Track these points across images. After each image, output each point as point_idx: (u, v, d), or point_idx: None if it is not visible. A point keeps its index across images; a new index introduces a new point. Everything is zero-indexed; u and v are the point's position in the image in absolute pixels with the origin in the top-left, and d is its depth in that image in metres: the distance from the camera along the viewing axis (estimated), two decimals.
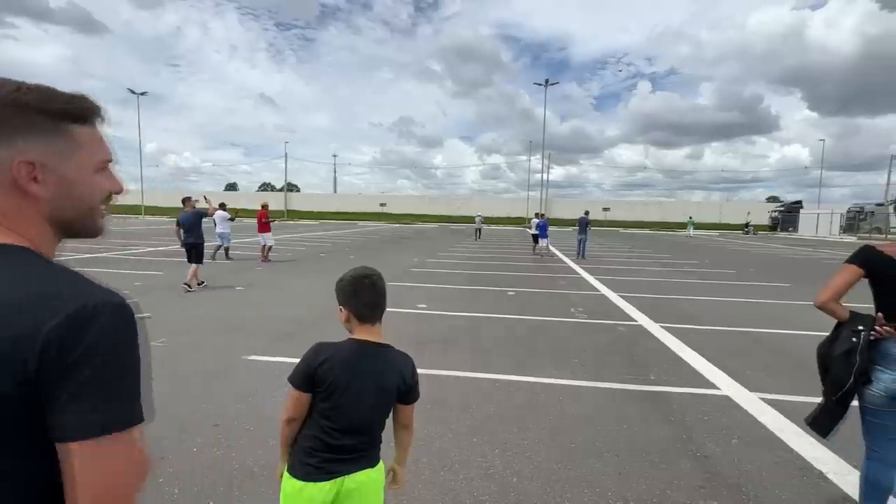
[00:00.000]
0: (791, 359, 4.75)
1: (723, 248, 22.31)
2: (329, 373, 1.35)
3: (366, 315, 1.42)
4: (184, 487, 2.37)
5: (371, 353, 1.42)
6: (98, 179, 0.71)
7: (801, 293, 8.90)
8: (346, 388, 1.36)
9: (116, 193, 0.76)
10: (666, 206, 62.55)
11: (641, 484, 2.47)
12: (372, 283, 1.43)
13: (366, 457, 1.40)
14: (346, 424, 1.35)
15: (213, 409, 3.25)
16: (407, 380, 1.43)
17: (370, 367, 1.39)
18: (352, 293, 1.42)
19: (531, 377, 4.02)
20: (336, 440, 1.35)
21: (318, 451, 1.34)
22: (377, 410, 1.41)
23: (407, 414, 1.48)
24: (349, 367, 1.37)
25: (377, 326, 1.45)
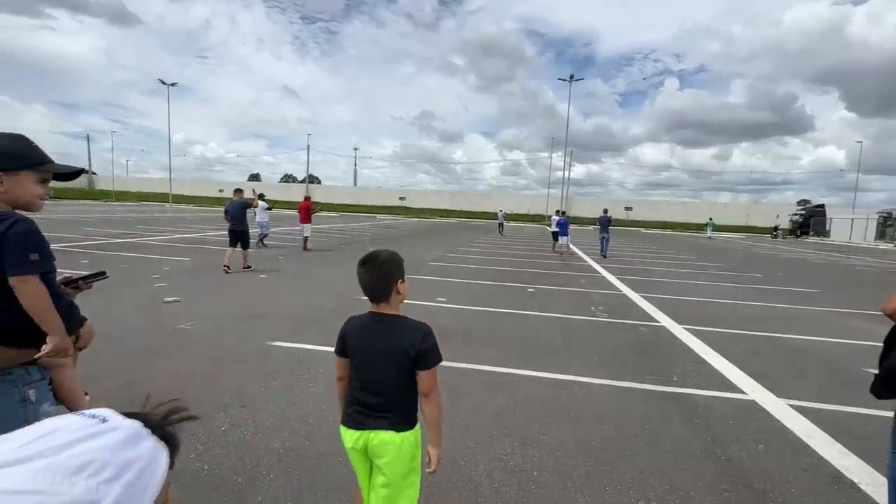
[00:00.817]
0: (820, 365, 4.60)
1: (749, 252, 21.68)
2: (349, 339, 1.62)
3: (370, 297, 1.62)
4: (213, 465, 2.45)
5: (383, 321, 1.61)
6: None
7: (831, 299, 8.59)
8: (359, 351, 1.59)
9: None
10: (690, 207, 60.95)
11: (664, 484, 2.44)
12: (365, 271, 1.59)
13: (388, 419, 1.55)
14: (363, 383, 1.58)
15: (240, 392, 3.35)
16: (416, 345, 1.54)
17: (380, 334, 1.59)
18: (358, 278, 1.62)
19: (551, 373, 4.00)
20: (360, 396, 1.57)
21: (351, 403, 1.60)
22: (387, 372, 1.56)
23: (424, 381, 1.57)
24: (362, 333, 1.61)
25: (391, 303, 1.60)
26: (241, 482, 2.31)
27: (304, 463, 2.50)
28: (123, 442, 0.44)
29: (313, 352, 4.30)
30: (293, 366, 3.91)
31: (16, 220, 1.24)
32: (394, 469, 1.53)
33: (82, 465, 0.40)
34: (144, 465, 0.45)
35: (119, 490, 0.41)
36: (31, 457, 0.39)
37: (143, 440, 0.47)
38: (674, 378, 4.03)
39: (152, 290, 6.69)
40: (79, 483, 0.39)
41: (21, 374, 1.30)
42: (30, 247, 1.25)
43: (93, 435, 0.43)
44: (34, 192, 1.31)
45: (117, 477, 0.41)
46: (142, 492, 0.43)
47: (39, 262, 1.27)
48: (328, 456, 2.57)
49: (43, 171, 1.31)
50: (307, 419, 3.00)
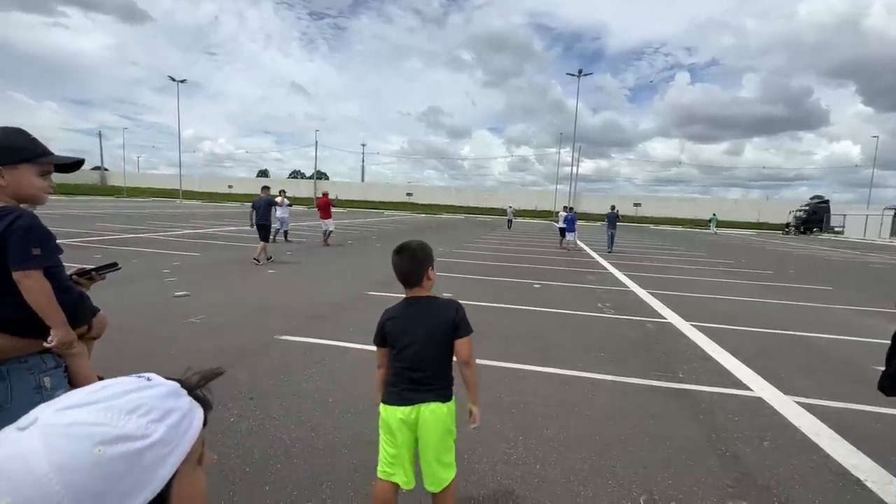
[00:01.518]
0: (829, 363, 4.56)
1: (761, 249, 21.40)
2: (391, 328, 1.78)
3: (403, 282, 1.82)
4: (222, 454, 2.50)
5: (417, 304, 1.80)
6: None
7: (844, 297, 8.47)
8: (402, 335, 1.75)
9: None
10: (700, 204, 60.25)
11: (667, 479, 2.45)
12: (399, 259, 1.79)
13: (435, 391, 1.74)
14: (410, 363, 1.73)
15: (248, 385, 3.41)
16: (452, 316, 1.76)
17: (420, 314, 1.78)
18: (392, 265, 1.81)
19: (556, 369, 4.01)
20: (408, 374, 1.73)
21: (398, 382, 1.75)
22: (431, 347, 1.74)
23: (461, 349, 1.78)
24: (400, 319, 1.78)
25: (423, 286, 1.80)
26: (249, 471, 2.36)
27: (311, 454, 2.54)
28: (166, 394, 0.53)
29: (319, 346, 4.35)
30: (300, 359, 3.96)
31: (18, 216, 1.25)
32: (439, 434, 1.73)
33: (134, 408, 0.49)
34: (184, 413, 0.53)
35: (164, 429, 0.50)
36: (95, 400, 0.49)
37: (182, 396, 0.55)
38: (679, 374, 4.02)
39: (163, 284, 6.79)
40: (132, 420, 0.48)
41: (37, 361, 1.34)
42: (32, 241, 1.26)
43: (142, 387, 0.52)
44: (36, 184, 1.31)
45: (162, 419, 0.50)
46: (182, 434, 0.52)
47: (42, 257, 1.28)
48: (334, 447, 2.61)
49: (41, 163, 1.30)
50: (313, 411, 3.05)
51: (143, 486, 0.46)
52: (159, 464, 0.48)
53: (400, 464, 1.75)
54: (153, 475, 0.47)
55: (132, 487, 0.45)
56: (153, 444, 0.48)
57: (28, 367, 1.32)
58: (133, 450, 0.46)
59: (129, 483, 0.45)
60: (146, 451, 0.47)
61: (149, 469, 0.47)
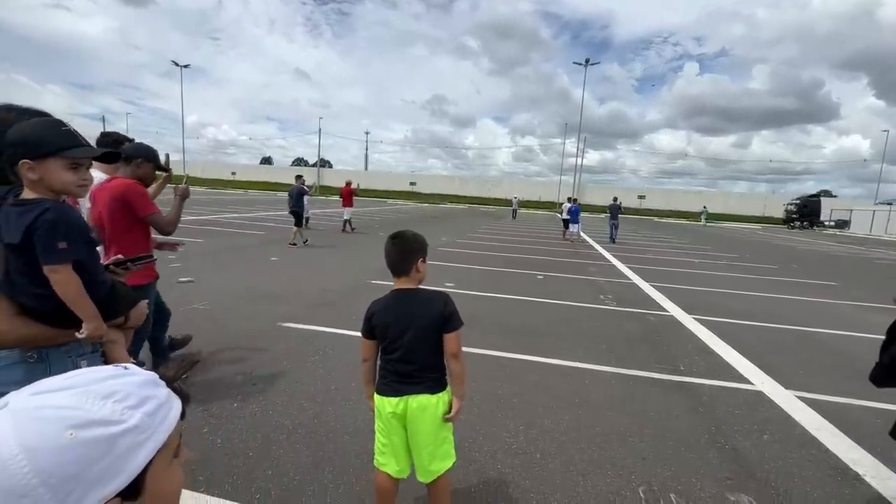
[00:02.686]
0: (832, 358, 4.55)
1: (766, 242, 21.28)
2: (377, 321, 1.75)
3: (391, 270, 1.80)
4: (225, 438, 2.54)
5: (405, 296, 1.77)
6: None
7: (849, 293, 8.43)
8: (390, 328, 1.72)
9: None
10: (706, 196, 59.81)
11: (666, 471, 2.46)
12: (391, 245, 1.78)
13: (425, 382, 1.73)
14: (398, 356, 1.72)
15: (251, 371, 3.44)
16: (441, 311, 1.73)
17: (408, 306, 1.75)
18: (384, 252, 1.80)
19: (558, 360, 4.02)
20: (396, 367, 1.72)
21: (387, 374, 1.75)
22: (419, 341, 1.71)
23: (452, 342, 1.75)
24: (389, 311, 1.75)
25: (411, 277, 1.78)
26: (252, 456, 2.39)
27: (313, 440, 2.57)
28: (143, 383, 0.53)
29: (323, 333, 4.37)
30: (303, 346, 3.99)
31: (45, 209, 1.25)
32: (428, 425, 1.71)
33: (110, 393, 0.49)
34: (161, 403, 0.53)
35: (139, 416, 0.50)
36: (70, 385, 0.49)
37: (160, 386, 0.55)
38: (680, 367, 4.02)
39: (167, 270, 6.82)
40: (107, 405, 0.48)
41: (74, 345, 1.38)
42: (58, 236, 1.26)
43: (119, 375, 0.52)
44: (63, 178, 1.28)
45: (138, 406, 0.50)
46: (159, 423, 0.52)
47: (68, 251, 1.28)
48: (336, 434, 2.64)
49: (66, 157, 1.27)
50: (316, 398, 3.07)
51: (116, 472, 0.46)
52: (134, 451, 0.48)
53: (392, 453, 1.75)
54: (127, 462, 0.47)
55: (104, 473, 0.45)
56: (128, 431, 0.47)
57: (66, 350, 1.36)
58: (107, 434, 0.46)
59: (102, 468, 0.45)
60: (120, 437, 0.47)
61: (123, 455, 0.47)
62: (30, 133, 1.25)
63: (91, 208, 2.72)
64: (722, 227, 34.47)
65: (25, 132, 1.25)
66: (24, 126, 1.26)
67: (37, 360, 1.32)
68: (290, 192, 11.09)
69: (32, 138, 1.25)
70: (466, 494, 2.18)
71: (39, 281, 1.28)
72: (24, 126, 1.26)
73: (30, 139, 1.24)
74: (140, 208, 2.70)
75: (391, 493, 1.82)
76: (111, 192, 2.67)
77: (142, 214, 2.72)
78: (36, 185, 1.28)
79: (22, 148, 1.23)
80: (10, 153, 1.24)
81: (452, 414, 1.77)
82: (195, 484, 2.14)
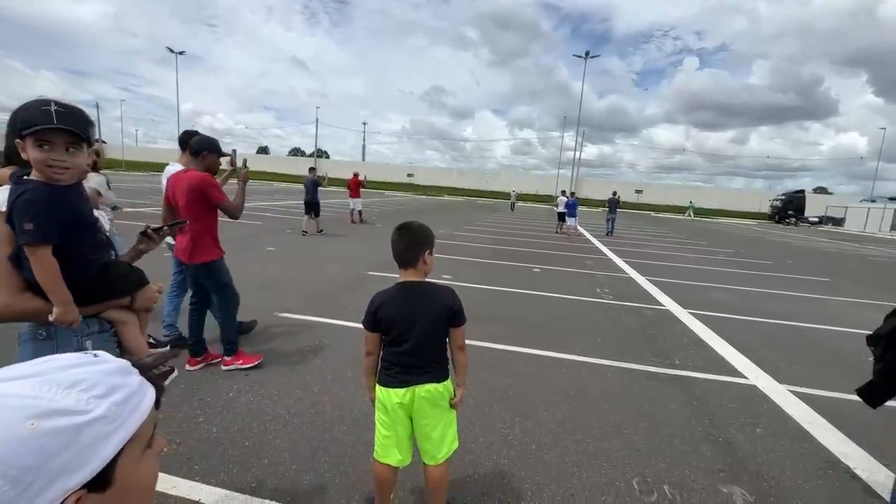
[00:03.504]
0: (825, 353, 4.59)
1: (761, 239, 21.39)
2: (384, 314, 1.71)
3: (398, 262, 1.76)
4: (221, 428, 2.53)
5: (413, 289, 1.74)
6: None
7: (842, 289, 8.50)
8: (397, 322, 1.70)
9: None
10: (703, 192, 59.96)
11: (660, 463, 2.49)
12: (398, 236, 1.74)
13: (431, 372, 1.74)
14: (406, 348, 1.71)
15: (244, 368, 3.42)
16: (450, 305, 1.74)
17: (415, 300, 1.73)
18: (391, 243, 1.76)
19: (554, 352, 4.04)
20: (402, 359, 1.72)
21: (392, 365, 1.74)
22: (427, 334, 1.72)
23: (458, 335, 1.80)
24: (396, 304, 1.72)
25: (418, 269, 1.75)
26: (249, 445, 2.39)
27: (310, 430, 2.57)
28: (113, 371, 0.51)
29: (319, 324, 4.37)
30: (300, 336, 3.98)
31: (24, 190, 1.28)
32: (438, 413, 1.75)
33: (75, 382, 0.47)
34: (132, 392, 0.51)
35: (107, 406, 0.48)
36: (33, 374, 0.47)
37: (131, 374, 0.53)
38: (676, 361, 4.05)
39: (162, 259, 6.76)
40: (71, 394, 0.46)
41: (81, 325, 1.41)
42: (25, 216, 1.27)
43: (87, 363, 0.50)
44: (33, 156, 1.27)
45: (106, 395, 0.48)
46: (129, 413, 0.50)
47: (33, 232, 1.28)
48: (333, 424, 2.64)
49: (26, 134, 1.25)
50: (312, 388, 3.07)
51: (80, 463, 0.45)
52: (100, 442, 0.46)
53: (394, 444, 1.76)
54: (93, 453, 0.46)
55: (68, 464, 0.44)
56: (94, 421, 0.46)
57: (72, 329, 1.40)
58: (71, 425, 0.44)
59: (65, 459, 0.44)
60: (86, 428, 0.45)
61: (88, 446, 0.45)
62: (20, 113, 1.26)
63: (166, 191, 3.17)
64: (718, 223, 34.60)
65: (18, 113, 1.26)
66: (20, 107, 1.28)
67: (45, 338, 1.38)
68: (304, 183, 11.58)
69: (19, 118, 1.25)
70: (462, 484, 2.19)
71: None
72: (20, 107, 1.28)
73: (17, 119, 1.25)
74: (213, 198, 3.10)
75: (390, 483, 1.83)
76: (188, 182, 3.03)
77: (214, 203, 3.12)
78: (31, 164, 1.30)
79: (16, 129, 1.25)
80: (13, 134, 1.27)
81: (457, 400, 1.82)
82: (191, 473, 2.14)
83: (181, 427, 2.52)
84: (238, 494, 2.02)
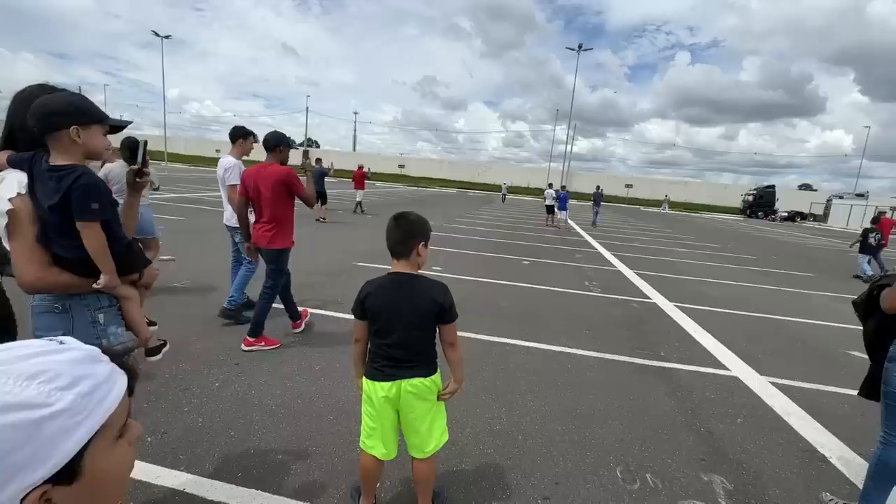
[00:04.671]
0: (805, 347, 4.70)
1: (747, 234, 21.73)
2: (372, 303, 1.70)
3: (391, 252, 1.74)
4: (206, 418, 2.51)
5: (403, 281, 1.71)
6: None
7: (823, 284, 8.69)
8: (384, 312, 1.68)
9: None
10: (691, 187, 60.58)
11: (643, 451, 2.53)
12: (394, 225, 1.72)
13: (418, 367, 1.71)
14: (392, 340, 1.69)
15: (233, 350, 3.40)
16: (440, 301, 1.69)
17: (404, 292, 1.69)
18: (385, 232, 1.73)
19: (541, 344, 4.07)
20: (388, 352, 1.69)
21: (378, 358, 1.71)
22: (415, 328, 1.69)
23: (448, 332, 1.76)
24: (385, 293, 1.70)
25: (411, 260, 1.72)
26: (234, 435, 2.37)
27: (295, 419, 2.56)
28: (79, 360, 0.48)
29: (307, 314, 4.33)
30: (286, 327, 3.95)
31: (82, 173, 1.44)
32: (425, 407, 1.74)
33: (36, 373, 0.44)
34: (99, 382, 0.48)
35: (72, 398, 0.45)
36: None
37: (99, 362, 0.50)
38: (661, 353, 4.11)
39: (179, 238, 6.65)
40: (31, 386, 0.43)
41: (93, 299, 1.53)
42: (92, 197, 1.45)
43: (49, 352, 0.47)
44: (102, 143, 1.50)
45: (70, 386, 0.46)
46: (97, 404, 0.47)
47: (99, 211, 1.48)
48: (319, 413, 2.64)
49: (105, 124, 1.50)
50: (299, 378, 3.06)
51: (41, 459, 0.42)
52: (63, 436, 0.44)
53: (379, 437, 1.75)
54: (55, 448, 0.43)
55: (29, 460, 0.42)
56: (56, 414, 0.43)
57: (86, 303, 1.52)
58: (31, 419, 0.42)
59: (25, 455, 0.41)
60: (47, 421, 0.43)
61: (49, 441, 0.43)
62: (79, 103, 1.42)
63: (243, 181, 3.52)
64: (705, 218, 35.05)
65: (75, 101, 1.41)
66: (67, 96, 1.41)
67: (61, 311, 1.49)
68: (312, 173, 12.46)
69: (83, 107, 1.42)
70: (449, 473, 2.21)
71: (71, 235, 1.46)
72: (66, 96, 1.41)
73: (81, 107, 1.41)
74: (296, 189, 3.49)
75: (376, 474, 1.83)
76: (275, 176, 3.39)
77: (297, 194, 3.51)
78: (72, 150, 1.42)
79: (74, 115, 1.39)
80: (57, 120, 1.37)
81: (445, 393, 1.80)
82: (176, 463, 2.12)
83: (166, 417, 2.49)
84: (223, 484, 2.01)
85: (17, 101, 1.49)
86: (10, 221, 1.38)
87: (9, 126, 1.49)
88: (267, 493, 1.98)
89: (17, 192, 1.38)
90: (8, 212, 1.37)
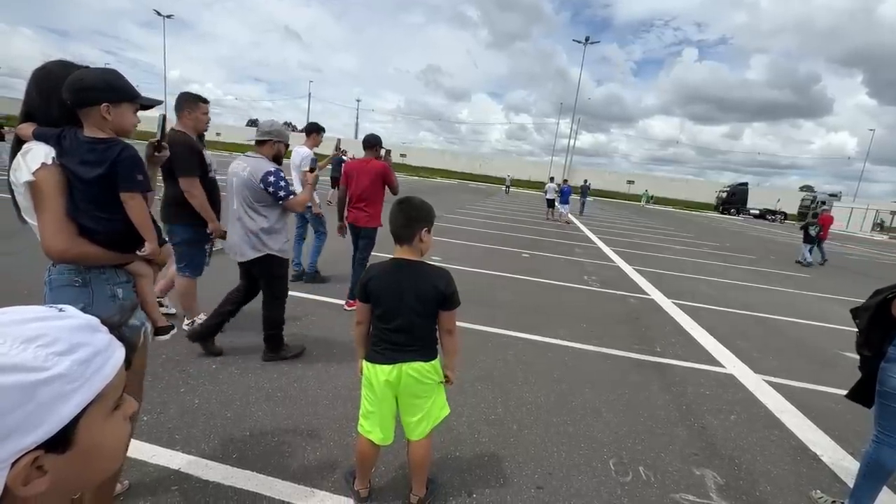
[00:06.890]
0: (801, 347, 4.72)
1: (745, 234, 21.75)
2: (374, 287, 1.71)
3: (394, 237, 1.74)
4: (203, 399, 2.52)
5: (405, 267, 1.71)
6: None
7: (820, 285, 8.71)
8: (386, 297, 1.69)
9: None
10: (693, 185, 60.52)
11: (637, 445, 2.55)
12: (397, 210, 1.72)
13: (419, 351, 1.73)
14: (394, 325, 1.70)
15: (229, 334, 3.40)
16: (441, 289, 1.69)
17: (407, 278, 1.70)
18: (389, 216, 1.74)
19: (539, 336, 4.08)
20: (390, 336, 1.71)
21: (380, 342, 1.73)
22: (416, 313, 1.69)
23: (447, 319, 1.76)
24: (388, 279, 1.71)
25: (413, 246, 1.72)
26: (231, 417, 2.38)
27: (292, 403, 2.57)
28: (78, 327, 0.48)
29: (304, 300, 4.34)
30: None
31: (125, 146, 1.50)
32: (425, 390, 1.75)
33: (34, 337, 0.44)
34: (97, 350, 0.48)
35: (69, 364, 0.45)
36: None
37: (98, 332, 0.50)
38: (657, 348, 4.13)
39: None
40: (29, 349, 0.43)
41: (111, 274, 1.56)
42: (137, 169, 1.51)
43: (49, 317, 0.47)
44: (132, 121, 1.54)
45: (68, 352, 0.45)
46: (94, 373, 0.47)
47: (143, 182, 1.53)
48: (315, 398, 2.65)
49: (136, 102, 1.53)
50: (296, 362, 3.07)
51: (35, 422, 0.42)
52: (59, 401, 0.44)
53: (377, 420, 1.76)
54: (50, 412, 0.43)
55: (22, 423, 0.41)
56: (52, 378, 0.43)
57: (105, 277, 1.54)
58: (26, 381, 0.42)
59: (18, 417, 0.41)
60: (42, 385, 0.43)
61: (45, 405, 0.43)
62: (113, 80, 1.44)
63: (345, 172, 4.28)
64: (705, 217, 35.01)
65: (108, 79, 1.43)
66: (101, 73, 1.43)
67: (81, 285, 1.50)
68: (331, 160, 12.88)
69: (117, 84, 1.45)
70: (444, 461, 2.22)
71: (107, 208, 1.49)
72: (100, 72, 1.43)
73: (114, 85, 1.44)
74: (391, 181, 4.27)
75: (372, 458, 1.84)
76: (377, 170, 4.16)
77: (388, 184, 4.25)
78: (103, 125, 1.45)
79: (106, 92, 1.42)
80: (90, 95, 1.40)
81: (450, 381, 1.83)
82: (171, 442, 2.13)
83: (162, 397, 2.50)
84: (218, 464, 2.02)
85: (36, 78, 1.48)
86: (36, 192, 1.38)
87: (28, 102, 1.49)
88: (262, 474, 1.99)
89: (43, 162, 1.37)
90: (30, 183, 1.37)
